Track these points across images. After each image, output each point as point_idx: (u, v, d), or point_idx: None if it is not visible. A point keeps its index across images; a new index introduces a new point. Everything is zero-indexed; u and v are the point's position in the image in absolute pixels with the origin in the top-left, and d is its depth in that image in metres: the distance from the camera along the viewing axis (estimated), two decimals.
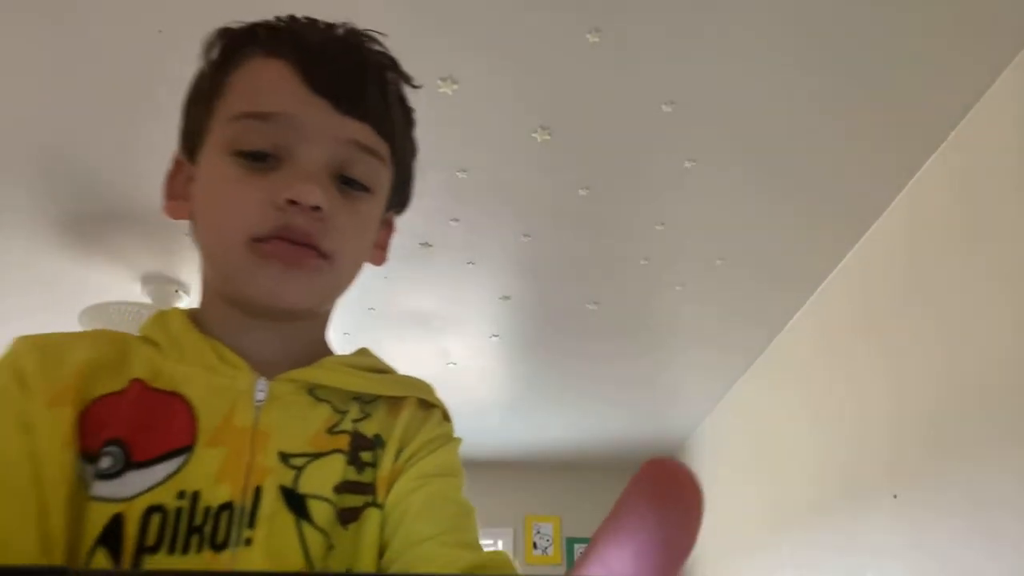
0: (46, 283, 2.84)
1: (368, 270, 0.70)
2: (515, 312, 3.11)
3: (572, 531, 4.96)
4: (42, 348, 0.60)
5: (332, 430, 0.62)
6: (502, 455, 4.87)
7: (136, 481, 0.56)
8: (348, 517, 0.59)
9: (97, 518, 0.54)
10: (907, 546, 2.25)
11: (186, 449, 0.57)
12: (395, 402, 0.67)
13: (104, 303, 2.66)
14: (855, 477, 2.60)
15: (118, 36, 1.82)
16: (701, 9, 1.76)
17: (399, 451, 0.63)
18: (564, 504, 5.02)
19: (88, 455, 0.56)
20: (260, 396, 0.61)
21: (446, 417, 0.69)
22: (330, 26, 0.67)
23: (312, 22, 0.67)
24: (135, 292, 2.84)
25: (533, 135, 2.14)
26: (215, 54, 0.67)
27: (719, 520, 4.05)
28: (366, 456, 0.62)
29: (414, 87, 0.70)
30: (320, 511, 0.58)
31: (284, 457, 0.59)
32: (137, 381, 0.60)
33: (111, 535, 0.54)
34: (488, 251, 2.69)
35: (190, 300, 2.86)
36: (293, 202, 0.59)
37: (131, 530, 0.54)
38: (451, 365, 3.58)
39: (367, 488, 0.61)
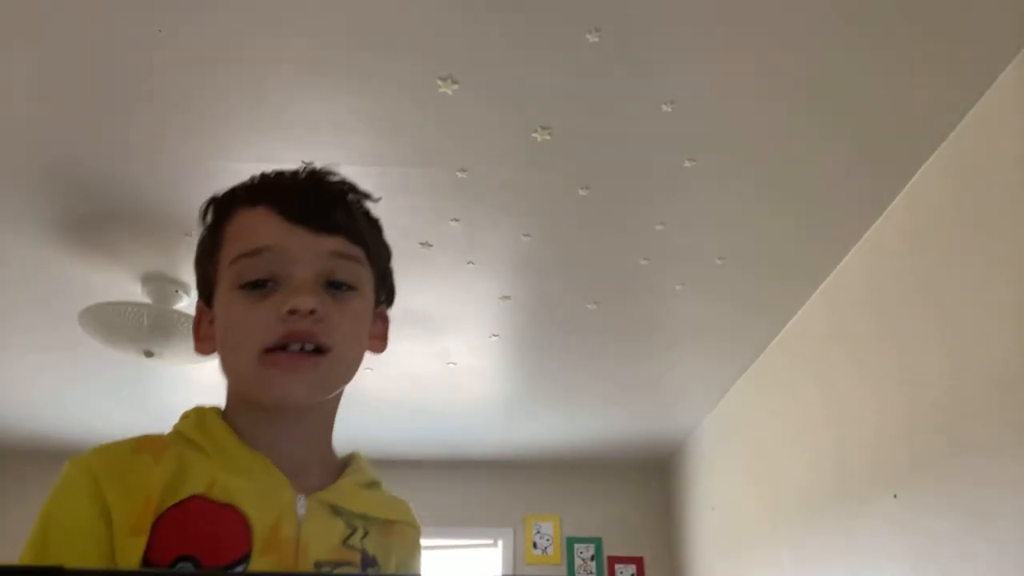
0: (46, 283, 2.84)
1: None
2: (515, 312, 3.11)
3: (572, 530, 4.95)
4: (117, 474, 0.67)
5: (346, 543, 0.74)
6: (502, 454, 4.87)
7: None
8: None
9: None
10: (907, 547, 2.26)
11: (246, 557, 0.67)
12: (386, 524, 0.80)
13: (104, 303, 2.66)
14: (855, 478, 2.60)
15: (117, 35, 1.82)
16: (701, 8, 1.76)
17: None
18: (564, 503, 5.01)
19: (157, 566, 0.65)
20: (301, 512, 0.72)
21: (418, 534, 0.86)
22: (294, 172, 0.81)
23: (279, 173, 0.81)
24: (135, 292, 2.84)
25: (533, 135, 2.14)
26: (209, 218, 0.82)
27: (718, 520, 4.05)
28: (371, 572, 0.74)
29: (374, 201, 0.84)
30: None
31: (318, 565, 0.70)
32: (197, 496, 0.69)
33: None
34: (488, 251, 2.69)
35: (190, 300, 2.86)
36: (293, 311, 0.72)
37: None
38: (451, 365, 3.58)
39: None
